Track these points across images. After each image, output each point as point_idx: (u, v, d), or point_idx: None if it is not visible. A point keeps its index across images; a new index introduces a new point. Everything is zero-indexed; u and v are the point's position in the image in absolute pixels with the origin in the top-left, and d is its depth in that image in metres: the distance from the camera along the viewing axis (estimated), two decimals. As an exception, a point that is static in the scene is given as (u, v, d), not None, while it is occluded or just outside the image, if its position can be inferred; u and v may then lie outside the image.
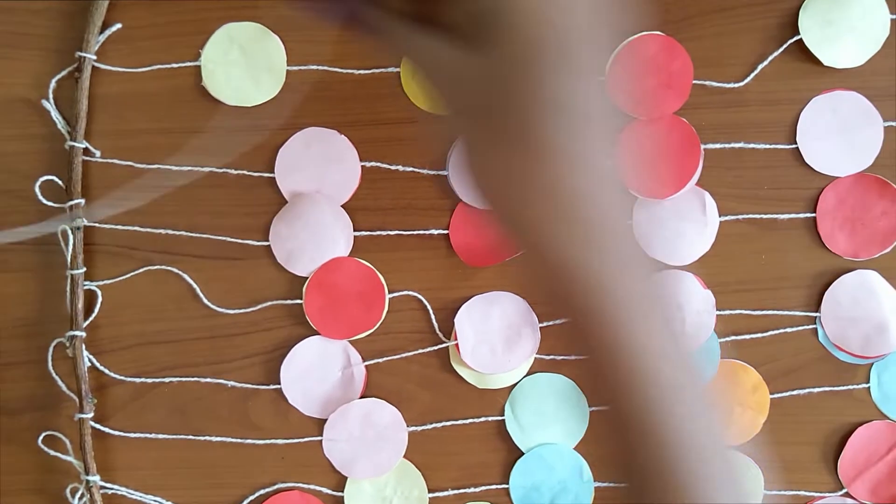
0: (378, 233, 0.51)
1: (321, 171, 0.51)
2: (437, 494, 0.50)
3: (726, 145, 0.50)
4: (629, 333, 0.27)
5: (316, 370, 0.50)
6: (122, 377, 0.51)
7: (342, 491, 0.50)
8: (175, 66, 0.51)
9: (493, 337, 0.50)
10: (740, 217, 0.50)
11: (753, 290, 0.50)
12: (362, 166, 0.51)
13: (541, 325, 0.51)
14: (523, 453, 0.51)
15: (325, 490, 0.51)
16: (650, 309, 0.28)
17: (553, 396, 0.51)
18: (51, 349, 0.50)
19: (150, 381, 0.51)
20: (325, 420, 0.51)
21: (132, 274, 0.51)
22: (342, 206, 0.51)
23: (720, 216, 0.50)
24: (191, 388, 0.51)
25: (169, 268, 0.51)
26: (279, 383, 0.50)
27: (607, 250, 0.27)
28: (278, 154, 0.51)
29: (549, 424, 0.51)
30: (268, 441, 0.51)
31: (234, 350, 0.51)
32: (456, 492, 0.51)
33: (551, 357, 0.51)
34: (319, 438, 0.50)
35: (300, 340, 0.51)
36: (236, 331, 0.51)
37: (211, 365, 0.51)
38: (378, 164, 0.51)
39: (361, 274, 0.51)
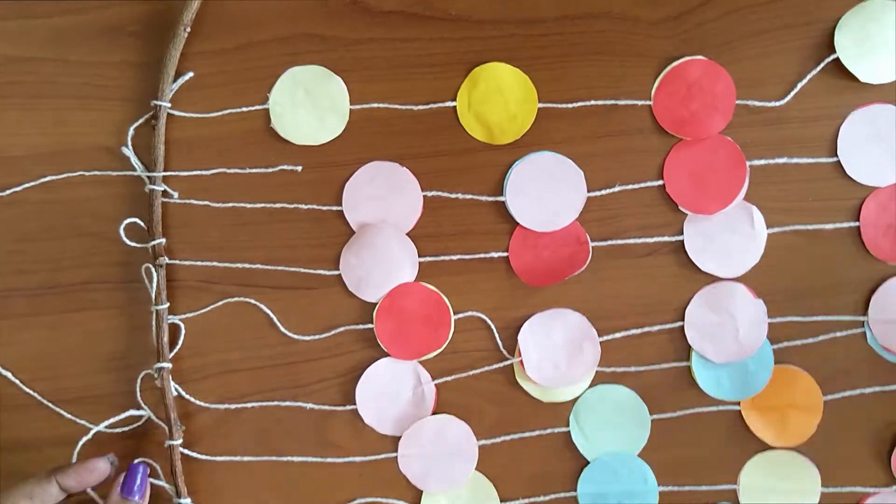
0: (441, 258, 0.53)
1: (386, 202, 0.53)
2: None
3: (770, 161, 0.52)
4: None
5: (388, 390, 0.52)
6: (207, 404, 0.53)
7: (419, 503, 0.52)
8: (245, 109, 0.53)
9: (556, 352, 0.52)
10: (787, 229, 0.52)
11: (803, 298, 0.52)
12: (424, 196, 0.53)
13: (601, 339, 0.52)
14: (589, 462, 0.52)
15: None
16: None
17: (615, 406, 0.52)
18: (139, 381, 0.52)
19: (232, 406, 0.53)
20: (398, 437, 0.52)
21: (212, 307, 0.53)
22: (407, 234, 0.53)
23: (768, 228, 0.52)
24: (271, 412, 0.53)
25: (246, 299, 0.53)
26: (355, 404, 0.52)
27: None
28: (345, 188, 0.53)
29: (613, 433, 0.52)
30: (346, 459, 0.53)
31: (311, 374, 0.53)
32: (526, 500, 0.52)
33: (612, 369, 0.53)
34: (395, 455, 0.52)
35: (372, 363, 0.53)
36: (312, 356, 0.53)
37: (289, 389, 0.53)
38: (439, 192, 0.53)
39: (427, 298, 0.52)
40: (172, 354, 0.52)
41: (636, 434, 0.53)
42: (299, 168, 0.53)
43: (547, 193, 0.52)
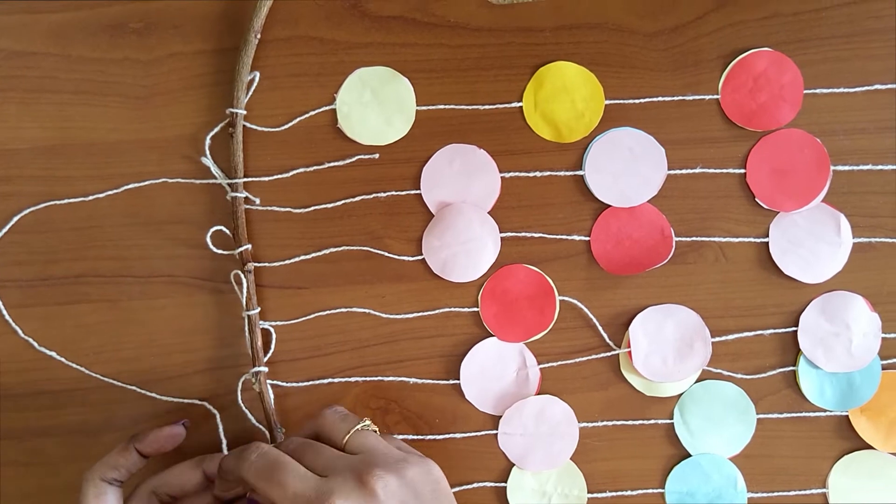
0: (523, 234, 0.52)
1: (464, 184, 0.52)
2: (595, 496, 0.52)
3: (854, 167, 0.50)
4: None
5: (493, 370, 0.52)
6: (297, 383, 0.53)
7: (505, 482, 0.53)
8: (313, 112, 0.52)
9: (666, 348, 0.51)
10: (873, 240, 0.51)
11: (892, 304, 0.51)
12: (502, 177, 0.52)
13: (713, 339, 0.51)
14: (680, 461, 0.52)
15: (487, 484, 0.53)
16: None
17: (722, 403, 0.52)
18: (239, 385, 0.52)
19: (325, 381, 0.52)
20: (496, 417, 0.53)
21: (304, 319, 0.53)
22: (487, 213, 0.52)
23: (854, 238, 0.51)
24: (370, 387, 0.53)
25: (340, 309, 0.53)
26: (458, 379, 0.52)
27: None
28: (423, 170, 0.52)
29: (717, 430, 0.52)
30: (445, 435, 0.53)
31: (414, 351, 0.52)
32: (613, 494, 0.52)
33: (719, 371, 0.52)
34: (494, 432, 0.53)
35: (477, 343, 0.52)
36: (415, 335, 0.52)
37: (390, 364, 0.53)
38: (517, 173, 0.52)
39: (532, 279, 0.52)
40: (266, 358, 0.52)
41: (740, 432, 0.52)
42: (376, 155, 0.52)
43: (626, 169, 0.51)
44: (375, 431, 0.44)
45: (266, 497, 0.40)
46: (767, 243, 0.51)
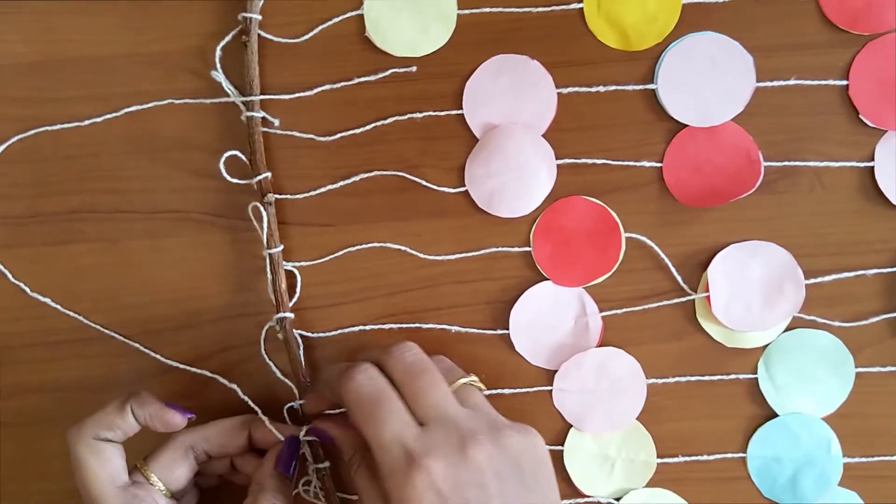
0: (583, 161, 0.47)
1: (514, 102, 0.47)
2: (665, 461, 0.48)
3: None
4: None
5: (547, 319, 0.48)
6: (325, 333, 0.49)
7: (561, 445, 0.49)
8: (337, 19, 0.47)
9: (750, 292, 0.47)
10: None
11: None
12: (558, 93, 0.47)
13: (806, 281, 0.47)
14: (765, 421, 0.48)
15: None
16: None
17: (815, 355, 0.48)
18: (263, 335, 0.48)
19: (356, 328, 0.49)
20: (551, 371, 0.49)
21: (331, 258, 0.49)
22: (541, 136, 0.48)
23: None
24: (408, 336, 0.49)
25: (370, 245, 0.48)
26: (507, 329, 0.49)
27: None
28: (465, 87, 0.47)
29: (808, 386, 0.48)
30: (494, 391, 0.49)
31: (457, 297, 0.49)
32: (686, 459, 0.49)
33: (812, 318, 0.48)
34: (549, 388, 0.49)
35: (529, 287, 0.48)
36: (459, 278, 0.49)
37: (431, 311, 0.49)
38: (576, 88, 0.47)
39: (592, 213, 0.48)
40: (293, 303, 0.48)
41: (835, 389, 0.48)
42: (412, 68, 0.47)
43: (707, 82, 0.46)
44: (482, 390, 0.44)
45: (359, 428, 0.40)
46: (872, 168, 0.46)
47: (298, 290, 0.48)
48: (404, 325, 0.49)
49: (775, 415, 0.48)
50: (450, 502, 0.37)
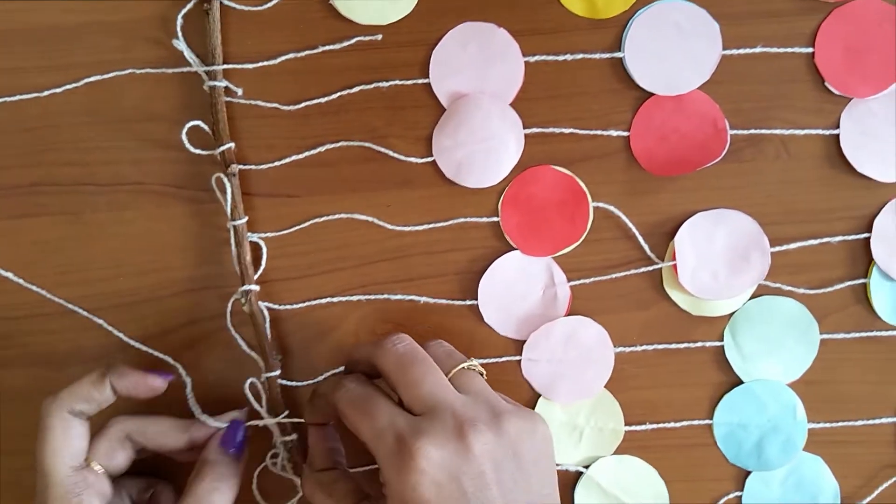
0: (551, 130, 0.47)
1: (481, 71, 0.47)
2: (633, 428, 0.48)
3: None
4: None
5: (516, 289, 0.48)
6: (292, 305, 0.48)
7: None
8: None
9: (716, 260, 0.47)
10: None
11: None
12: (525, 62, 0.46)
13: (772, 249, 0.47)
14: (731, 388, 0.48)
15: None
16: None
17: (780, 322, 0.48)
18: (229, 307, 0.47)
19: (324, 300, 0.48)
20: (520, 341, 0.48)
21: (297, 228, 0.48)
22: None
23: None
24: (377, 307, 0.49)
25: (337, 216, 0.48)
26: (475, 299, 0.48)
27: None
28: (432, 56, 0.47)
29: (774, 353, 0.48)
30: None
31: (426, 268, 0.48)
32: (654, 426, 0.49)
33: (778, 285, 0.48)
34: (518, 358, 0.48)
35: (497, 258, 0.48)
36: (428, 248, 0.48)
37: (400, 282, 0.49)
38: (544, 57, 0.46)
39: (560, 182, 0.47)
40: (258, 275, 0.47)
41: (801, 355, 0.48)
42: (378, 36, 0.46)
43: (674, 50, 0.46)
44: (482, 374, 0.42)
45: (355, 429, 0.39)
46: (838, 136, 0.46)
47: (264, 262, 0.48)
48: (372, 297, 0.48)
49: (741, 382, 0.48)
50: (446, 490, 0.36)
